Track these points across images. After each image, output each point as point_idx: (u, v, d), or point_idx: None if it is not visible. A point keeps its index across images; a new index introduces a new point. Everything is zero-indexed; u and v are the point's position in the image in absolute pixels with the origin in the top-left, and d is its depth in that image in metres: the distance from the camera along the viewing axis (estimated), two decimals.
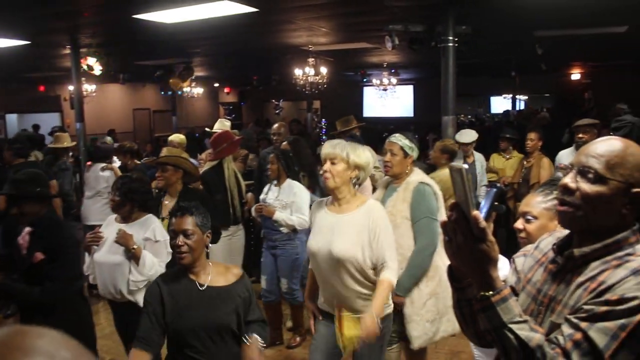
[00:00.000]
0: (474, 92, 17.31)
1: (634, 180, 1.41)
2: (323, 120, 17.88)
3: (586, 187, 1.42)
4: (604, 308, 1.30)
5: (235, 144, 5.02)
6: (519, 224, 2.20)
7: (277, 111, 20.01)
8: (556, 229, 1.73)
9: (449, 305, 3.17)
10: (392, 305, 3.03)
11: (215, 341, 2.43)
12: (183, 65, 11.64)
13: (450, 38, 5.85)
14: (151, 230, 3.33)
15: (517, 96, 16.71)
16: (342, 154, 2.85)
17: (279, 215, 4.35)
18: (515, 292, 1.66)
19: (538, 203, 2.20)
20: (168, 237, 3.28)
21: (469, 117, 17.76)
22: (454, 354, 4.37)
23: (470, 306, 1.45)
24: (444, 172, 4.26)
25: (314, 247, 2.91)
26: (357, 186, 2.96)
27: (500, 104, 18.41)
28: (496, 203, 1.99)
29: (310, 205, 3.55)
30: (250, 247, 5.44)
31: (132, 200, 3.35)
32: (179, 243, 2.42)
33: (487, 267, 1.32)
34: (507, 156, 6.37)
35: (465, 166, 1.31)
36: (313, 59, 10.41)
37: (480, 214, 1.30)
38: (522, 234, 2.19)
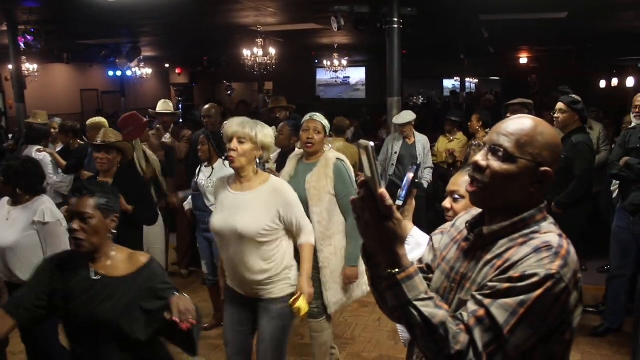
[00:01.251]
0: (426, 75, 17.50)
1: (542, 159, 1.43)
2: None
3: (496, 165, 1.43)
4: (506, 285, 1.32)
5: (141, 127, 4.98)
6: (447, 202, 2.22)
7: (228, 92, 19.75)
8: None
9: (361, 271, 3.38)
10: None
11: (101, 339, 2.16)
12: (130, 45, 11.34)
13: (395, 20, 5.88)
14: (40, 212, 3.24)
15: (468, 79, 16.98)
16: (252, 133, 2.81)
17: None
18: (431, 269, 1.68)
19: (465, 182, 2.22)
20: (62, 217, 3.28)
21: (421, 99, 17.94)
22: (396, 332, 4.45)
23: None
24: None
25: (218, 225, 2.89)
26: (261, 165, 2.97)
27: (452, 86, 18.66)
28: (416, 180, 2.00)
29: None
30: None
31: (16, 183, 3.25)
32: (74, 227, 2.15)
33: (393, 245, 1.32)
34: (451, 138, 6.47)
35: (372, 144, 1.30)
36: (262, 40, 10.29)
37: (385, 192, 1.29)
38: (450, 213, 2.20)
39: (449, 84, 19.46)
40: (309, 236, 2.97)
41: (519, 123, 1.47)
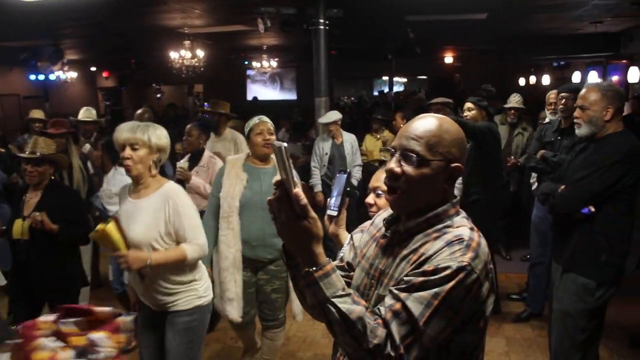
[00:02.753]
0: (356, 75, 17.72)
1: (452, 156, 1.48)
2: (205, 104, 17.48)
3: (411, 170, 1.47)
4: (421, 278, 1.36)
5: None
6: (370, 199, 2.25)
7: (158, 95, 19.31)
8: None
9: None
10: (210, 297, 2.96)
11: None
12: (52, 48, 10.87)
13: (322, 21, 5.93)
14: None
15: (397, 78, 17.30)
16: (144, 138, 2.69)
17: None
18: (352, 267, 1.71)
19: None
20: None
21: (352, 99, 18.15)
22: None
23: None
24: None
25: None
26: (155, 170, 2.81)
27: (383, 86, 18.95)
28: (348, 188, 2.03)
29: None
30: None
31: None
32: None
33: (310, 243, 1.34)
34: (378, 136, 6.59)
35: (285, 144, 1.31)
36: (189, 42, 10.12)
37: (301, 192, 1.31)
38: (373, 209, 2.24)
39: (379, 83, 19.78)
40: (191, 249, 2.75)
41: (425, 124, 1.51)
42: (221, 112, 5.32)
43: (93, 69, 18.46)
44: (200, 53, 10.74)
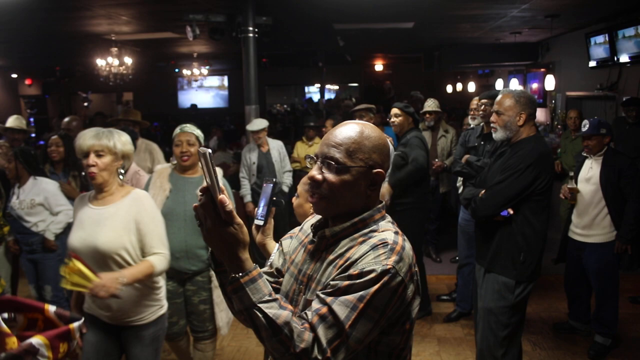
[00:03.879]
0: (288, 82, 17.78)
1: (372, 162, 1.52)
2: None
3: (331, 177, 1.49)
4: (347, 282, 1.39)
5: None
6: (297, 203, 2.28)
7: (85, 104, 18.64)
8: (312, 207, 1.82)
9: None
10: (165, 306, 2.93)
11: None
12: None
13: (251, 29, 5.93)
14: None
15: (328, 86, 17.47)
16: (110, 144, 2.64)
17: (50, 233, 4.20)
18: (281, 273, 1.73)
19: (302, 183, 2.33)
20: None
21: (285, 106, 18.18)
22: None
23: None
24: None
25: (76, 243, 2.65)
26: (121, 176, 2.77)
27: (315, 93, 19.07)
28: (274, 198, 2.04)
29: None
30: None
31: None
32: None
33: (235, 249, 1.35)
34: (310, 143, 6.64)
35: (209, 150, 1.31)
36: (116, 49, 9.86)
37: (226, 198, 1.32)
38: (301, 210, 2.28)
39: (311, 90, 19.90)
40: (158, 260, 2.71)
41: (346, 131, 1.53)
42: (135, 121, 5.16)
43: (14, 75, 17.65)
44: (129, 60, 10.46)
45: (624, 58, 7.27)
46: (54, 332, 1.62)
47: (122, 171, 2.74)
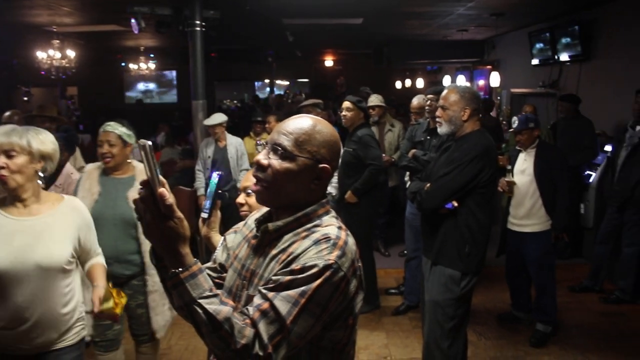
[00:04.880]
0: (238, 78, 17.61)
1: (320, 156, 1.51)
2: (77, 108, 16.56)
3: (276, 163, 1.48)
4: (288, 277, 1.37)
5: None
6: (241, 198, 2.24)
7: (26, 98, 17.97)
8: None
9: None
10: (87, 328, 2.73)
11: None
12: None
13: (198, 22, 5.83)
14: None
15: (278, 81, 17.42)
16: (22, 143, 2.30)
17: None
18: (225, 269, 1.70)
19: (245, 180, 2.30)
20: None
21: (235, 102, 18.02)
22: None
23: None
24: None
25: (5, 263, 2.24)
26: (41, 181, 2.43)
27: (264, 92, 18.97)
28: (219, 191, 2.01)
29: None
30: None
31: None
32: None
33: (175, 244, 1.32)
34: (258, 139, 6.60)
35: (149, 143, 1.29)
36: (58, 41, 9.53)
37: (166, 191, 1.29)
38: (244, 208, 2.25)
39: (262, 86, 19.76)
40: (103, 260, 2.65)
41: (299, 122, 1.53)
42: (51, 117, 4.95)
43: None
44: (72, 53, 10.13)
45: (564, 57, 7.54)
46: None
47: (42, 174, 2.41)
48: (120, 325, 3.28)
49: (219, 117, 5.80)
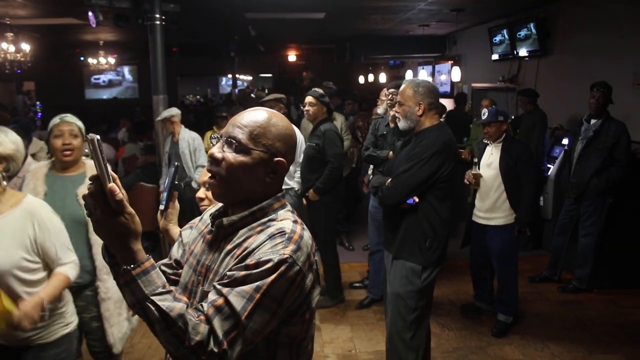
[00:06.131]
0: (200, 73, 17.41)
1: (275, 150, 1.49)
2: (38, 103, 16.12)
3: (231, 156, 1.47)
4: (243, 272, 1.35)
5: None
6: (201, 192, 2.22)
7: None
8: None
9: None
10: (76, 322, 2.69)
11: None
12: None
13: (157, 16, 5.73)
14: None
15: (241, 76, 17.28)
16: None
17: None
18: (180, 265, 1.67)
19: (202, 174, 2.27)
20: None
21: (198, 97, 17.82)
22: None
23: None
24: None
25: None
26: (5, 182, 2.39)
27: (230, 84, 18.80)
28: (176, 182, 1.98)
29: None
30: None
31: None
32: None
33: (127, 240, 1.30)
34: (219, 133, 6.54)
35: (97, 136, 1.26)
36: (12, 34, 9.25)
37: (116, 186, 1.26)
38: (204, 202, 2.23)
39: (225, 81, 19.58)
40: (70, 270, 2.50)
41: (253, 115, 1.52)
42: None
43: None
44: (27, 47, 9.84)
45: (522, 52, 7.67)
46: None
47: (4, 174, 2.38)
48: (103, 341, 3.08)
49: (166, 112, 5.72)
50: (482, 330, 4.50)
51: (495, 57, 8.59)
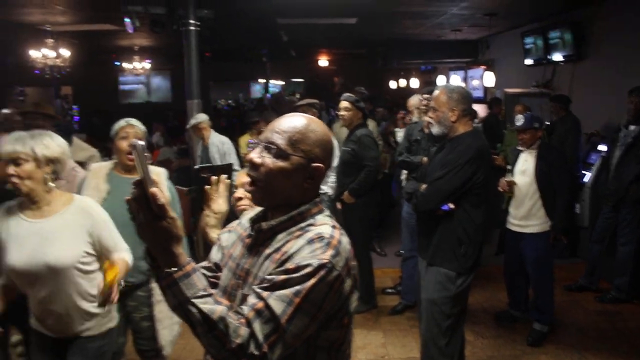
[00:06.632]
0: (232, 78, 17.57)
1: (314, 155, 1.51)
2: (74, 107, 16.47)
3: (269, 162, 1.48)
4: (283, 277, 1.37)
5: None
6: (239, 193, 2.29)
7: (20, 98, 17.88)
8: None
9: None
10: (117, 318, 2.77)
11: None
12: None
13: (192, 22, 5.82)
14: None
15: (273, 81, 17.38)
16: (26, 150, 2.38)
17: None
18: (220, 268, 1.69)
19: (240, 183, 2.32)
20: None
21: (230, 102, 17.99)
22: None
23: None
24: None
25: (19, 264, 2.40)
26: (52, 183, 2.49)
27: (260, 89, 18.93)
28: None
29: None
30: None
31: None
32: None
33: (168, 244, 1.31)
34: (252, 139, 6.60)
35: (141, 142, 1.29)
36: (52, 40, 9.49)
37: (158, 191, 1.28)
38: (244, 202, 2.32)
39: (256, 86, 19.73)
40: (127, 255, 2.64)
41: (292, 121, 1.53)
42: (46, 114, 4.92)
43: None
44: (66, 52, 10.08)
45: (557, 57, 7.55)
46: None
47: (51, 177, 2.48)
48: (123, 338, 3.20)
49: (194, 119, 5.83)
50: (517, 338, 4.43)
51: (528, 61, 8.47)
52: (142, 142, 1.27)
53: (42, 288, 2.43)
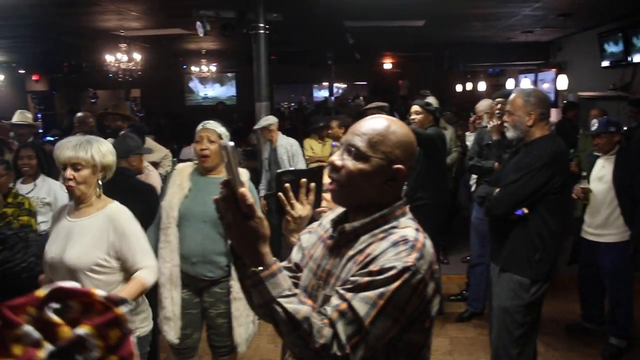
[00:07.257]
0: (296, 80, 17.72)
1: (394, 157, 1.50)
2: (141, 110, 17.06)
3: (350, 164, 1.49)
4: (367, 279, 1.37)
5: None
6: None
7: (93, 100, 18.69)
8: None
9: None
10: (148, 328, 2.81)
11: None
12: None
13: (262, 25, 5.92)
14: None
15: (336, 84, 17.41)
16: (87, 157, 2.52)
17: None
18: (300, 268, 1.70)
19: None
20: None
21: (292, 104, 18.16)
22: (276, 335, 4.45)
23: None
24: None
25: (48, 256, 2.53)
26: (99, 189, 2.62)
27: (324, 92, 18.98)
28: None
29: None
30: None
31: None
32: None
33: (256, 243, 1.33)
34: (322, 142, 6.63)
35: (231, 143, 1.31)
36: (125, 45, 9.86)
37: (247, 191, 1.30)
38: (322, 203, 2.27)
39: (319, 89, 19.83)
40: (148, 274, 2.61)
41: (372, 123, 1.53)
42: (124, 115, 5.11)
43: (21, 71, 17.68)
44: (138, 56, 10.46)
45: (637, 58, 7.20)
46: (99, 319, 1.50)
47: (101, 182, 2.62)
48: (199, 334, 3.28)
49: (264, 121, 5.89)
50: (590, 352, 4.25)
51: (605, 63, 8.11)
52: (231, 143, 1.29)
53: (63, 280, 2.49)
